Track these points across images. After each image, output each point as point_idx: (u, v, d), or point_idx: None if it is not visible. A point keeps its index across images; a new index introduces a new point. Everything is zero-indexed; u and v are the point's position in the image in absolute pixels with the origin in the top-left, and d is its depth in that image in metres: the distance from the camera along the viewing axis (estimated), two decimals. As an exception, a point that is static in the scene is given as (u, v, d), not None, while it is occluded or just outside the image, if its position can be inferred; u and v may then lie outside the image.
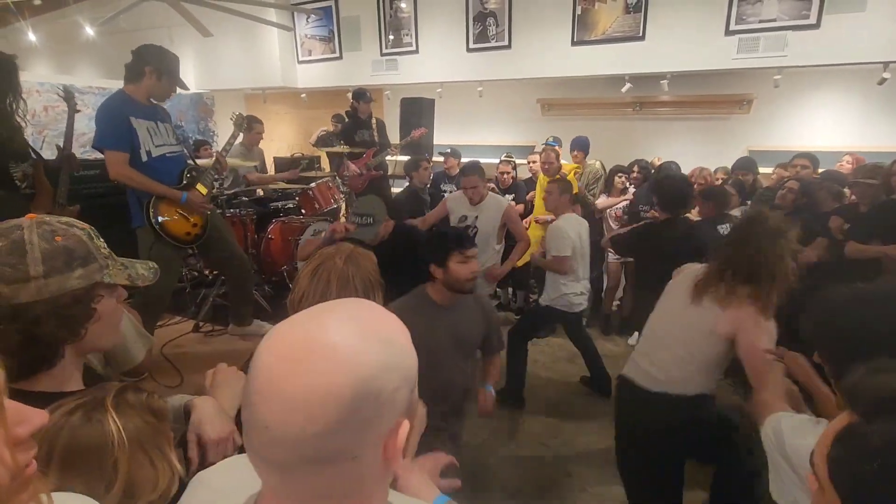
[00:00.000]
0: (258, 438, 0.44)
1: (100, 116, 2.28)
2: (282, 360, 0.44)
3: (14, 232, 0.79)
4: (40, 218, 0.83)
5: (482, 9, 4.83)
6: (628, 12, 4.29)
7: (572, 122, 5.46)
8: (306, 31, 5.70)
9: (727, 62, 4.08)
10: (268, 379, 0.43)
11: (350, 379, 0.43)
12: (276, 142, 6.98)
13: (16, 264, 0.77)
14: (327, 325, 0.46)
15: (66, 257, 0.81)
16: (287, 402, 0.42)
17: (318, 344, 0.44)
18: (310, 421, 0.42)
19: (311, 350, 0.44)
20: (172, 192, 2.39)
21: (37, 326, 0.78)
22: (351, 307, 0.50)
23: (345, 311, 0.49)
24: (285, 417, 0.42)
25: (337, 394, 0.42)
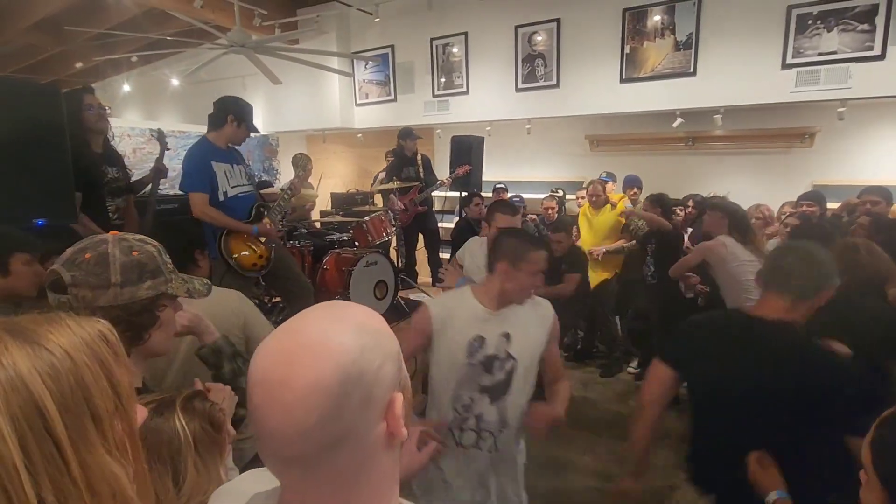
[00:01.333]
0: (270, 444, 0.49)
1: (186, 162, 2.56)
2: (271, 370, 0.49)
3: (100, 246, 0.92)
4: (121, 235, 0.97)
5: (531, 51, 5.00)
6: (678, 49, 4.31)
7: (622, 157, 5.45)
8: (364, 77, 6.09)
9: (785, 95, 3.98)
10: (263, 389, 0.49)
11: (333, 367, 0.48)
12: (334, 179, 7.36)
13: (100, 273, 0.90)
14: (303, 328, 0.52)
15: (139, 270, 0.94)
16: (285, 404, 0.47)
17: (297, 345, 0.49)
18: (309, 413, 0.47)
19: (293, 353, 0.49)
20: (245, 227, 2.61)
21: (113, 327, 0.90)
22: (327, 307, 0.55)
23: (321, 311, 0.54)
24: (287, 417, 0.47)
25: (325, 384, 0.47)
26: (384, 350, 0.53)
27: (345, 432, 0.49)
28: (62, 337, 0.43)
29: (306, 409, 0.47)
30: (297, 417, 0.47)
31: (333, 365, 0.48)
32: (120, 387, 0.46)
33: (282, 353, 0.50)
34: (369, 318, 0.55)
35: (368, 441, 0.51)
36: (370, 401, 0.50)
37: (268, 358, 0.50)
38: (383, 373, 0.52)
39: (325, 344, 0.49)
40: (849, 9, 3.70)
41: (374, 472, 0.54)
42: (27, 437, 0.37)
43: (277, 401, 0.47)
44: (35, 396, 0.38)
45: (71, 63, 6.83)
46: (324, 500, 0.52)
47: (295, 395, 0.47)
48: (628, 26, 4.48)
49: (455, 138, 4.96)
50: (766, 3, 3.96)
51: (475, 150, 4.90)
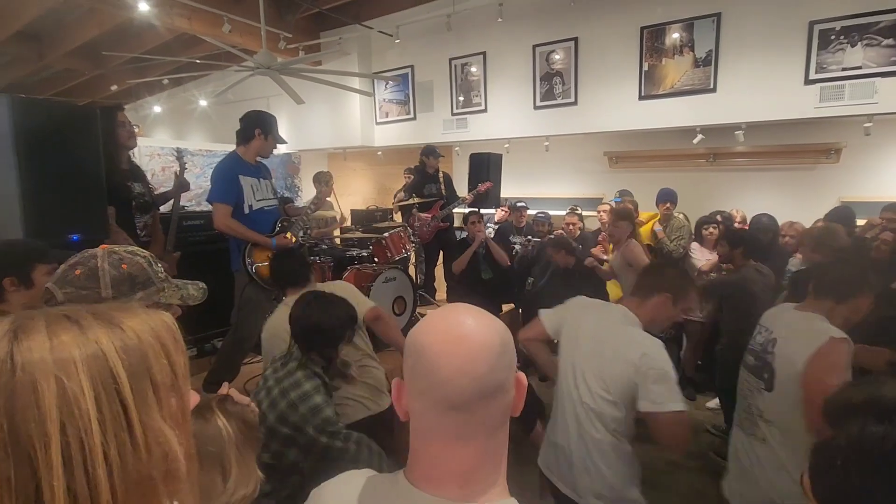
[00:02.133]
0: (440, 391, 0.62)
1: (215, 174, 2.64)
2: (448, 335, 0.64)
3: (90, 261, 0.96)
4: (110, 248, 0.99)
5: (549, 69, 5.05)
6: (697, 66, 4.30)
7: (641, 173, 5.42)
8: (384, 96, 6.23)
9: (809, 111, 3.93)
10: (443, 349, 0.62)
11: (495, 335, 0.64)
12: (353, 195, 7.48)
13: (92, 287, 0.93)
14: (459, 310, 0.67)
15: (130, 282, 0.97)
16: (461, 358, 0.62)
17: (466, 316, 0.65)
18: (479, 363, 0.62)
19: (463, 322, 0.65)
20: (264, 239, 2.66)
21: None
22: (462, 305, 0.69)
23: (463, 307, 0.68)
24: (462, 366, 0.61)
25: (491, 344, 0.63)
26: (511, 338, 0.68)
27: (499, 384, 0.63)
28: (134, 321, 0.51)
29: (480, 361, 0.62)
30: (472, 365, 0.61)
31: (494, 332, 0.65)
32: (177, 367, 0.53)
33: (454, 322, 0.65)
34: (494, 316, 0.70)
35: (508, 399, 0.65)
36: (512, 364, 0.66)
37: (441, 324, 0.65)
38: (513, 351, 0.67)
39: (485, 318, 0.66)
40: (873, 24, 3.66)
41: (502, 434, 0.66)
42: (101, 396, 0.44)
43: (455, 354, 0.62)
44: (110, 364, 0.46)
45: (106, 86, 7.16)
46: (466, 451, 0.63)
47: (471, 350, 0.62)
48: (646, 44, 4.50)
49: (473, 156, 5.00)
50: (787, 19, 3.94)
51: (493, 167, 4.93)
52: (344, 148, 6.66)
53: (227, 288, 2.72)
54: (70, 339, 0.46)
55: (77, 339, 0.46)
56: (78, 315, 0.48)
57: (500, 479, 0.66)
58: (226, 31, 4.81)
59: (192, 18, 4.81)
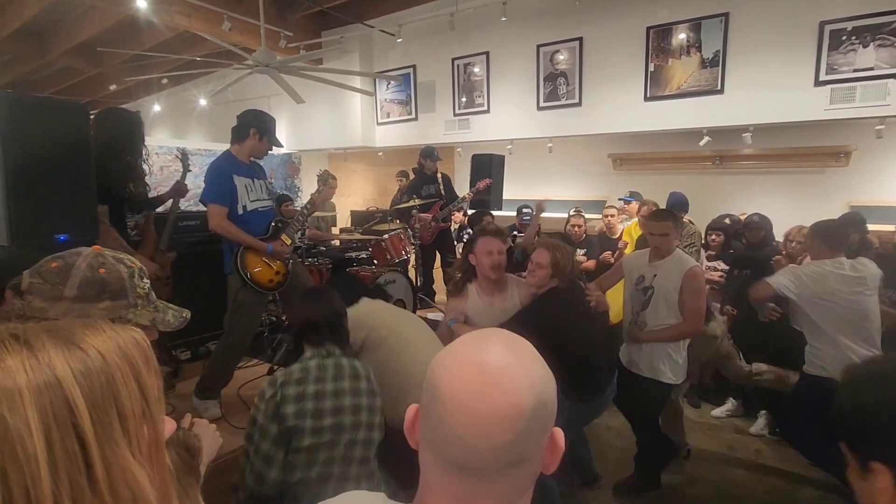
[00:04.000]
0: (451, 449, 0.52)
1: (208, 174, 2.56)
2: (470, 384, 0.52)
3: (71, 257, 0.90)
4: (100, 251, 0.93)
5: (553, 69, 4.98)
6: (704, 67, 4.22)
7: (646, 176, 5.34)
8: (386, 96, 6.16)
9: (819, 113, 3.84)
10: (460, 400, 0.52)
11: (528, 393, 0.52)
12: (353, 196, 7.42)
13: (57, 284, 0.86)
14: (492, 350, 0.55)
15: (99, 288, 0.89)
16: (482, 419, 0.51)
17: (495, 367, 0.53)
18: (505, 431, 0.50)
19: (491, 373, 0.52)
20: (260, 244, 2.58)
21: None
22: (499, 333, 0.59)
23: (498, 336, 0.58)
24: (481, 431, 0.50)
25: (522, 407, 0.51)
26: (554, 385, 0.57)
27: (526, 453, 0.53)
28: (97, 339, 0.44)
29: (503, 427, 0.51)
30: (494, 433, 0.51)
31: (528, 391, 0.52)
32: (149, 392, 0.47)
33: (479, 370, 0.53)
34: (537, 352, 0.59)
35: (535, 466, 0.55)
36: (546, 428, 0.55)
37: (463, 370, 0.53)
38: (553, 406, 0.56)
39: (521, 370, 0.54)
40: (886, 24, 3.57)
41: (527, 496, 0.57)
42: (53, 433, 0.38)
43: (477, 413, 0.51)
44: (66, 392, 0.40)
45: (105, 85, 7.12)
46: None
47: (496, 411, 0.51)
48: (652, 44, 4.42)
49: (475, 157, 4.93)
50: (797, 20, 3.86)
51: (496, 168, 4.85)
52: (344, 148, 6.60)
53: (223, 290, 2.65)
54: (16, 363, 0.39)
55: (26, 364, 0.39)
56: (30, 334, 0.42)
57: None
58: (225, 29, 4.76)
59: (191, 16, 4.76)
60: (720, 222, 3.93)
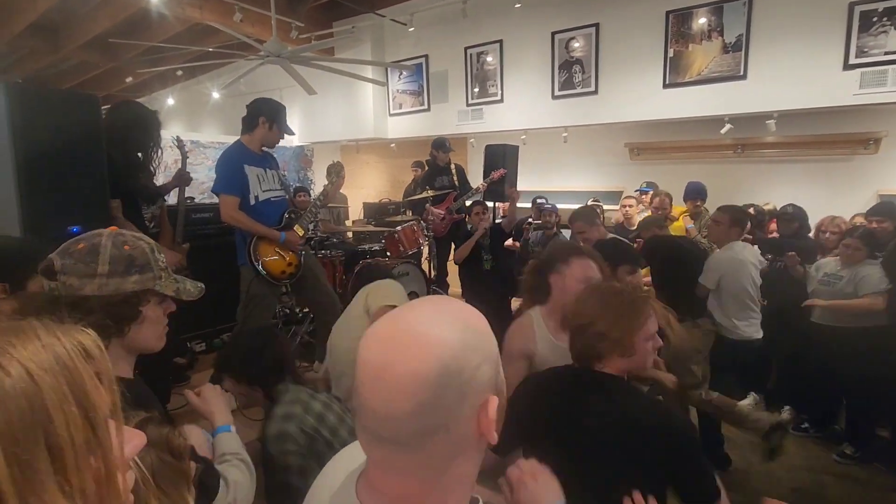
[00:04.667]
0: (368, 420, 0.52)
1: (219, 164, 2.55)
2: (379, 353, 0.52)
3: (95, 238, 0.95)
4: (119, 231, 0.99)
5: (568, 57, 4.86)
6: (727, 52, 4.08)
7: (664, 165, 5.21)
8: (398, 87, 6.09)
9: (848, 98, 3.69)
10: (370, 369, 0.51)
11: (434, 362, 0.50)
12: (366, 189, 7.39)
13: (89, 262, 0.92)
14: (414, 317, 0.54)
15: (127, 263, 0.95)
16: (387, 387, 0.50)
17: (406, 334, 0.52)
18: (406, 400, 0.49)
19: (401, 340, 0.51)
20: (273, 233, 2.56)
21: (89, 316, 0.89)
22: (435, 301, 0.58)
23: (429, 304, 0.57)
24: (388, 400, 0.50)
25: (425, 375, 0.49)
26: (484, 351, 0.54)
27: (438, 424, 0.51)
28: (25, 350, 0.35)
29: (404, 396, 0.49)
30: (395, 402, 0.50)
31: (434, 357, 0.50)
32: (96, 414, 0.38)
33: (386, 338, 0.52)
34: (473, 317, 0.56)
35: (458, 436, 0.53)
36: (465, 397, 0.52)
37: (373, 341, 0.53)
38: (481, 373, 0.53)
39: (427, 335, 0.51)
40: (920, 3, 3.41)
41: (458, 468, 0.55)
42: None
43: (379, 383, 0.50)
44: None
45: (121, 78, 7.15)
46: (406, 483, 0.54)
47: (395, 380, 0.50)
48: (672, 29, 4.28)
49: (489, 147, 4.85)
50: (825, 1, 3.70)
51: (509, 158, 4.77)
52: (357, 140, 6.56)
53: (237, 281, 2.64)
54: None
55: None
56: None
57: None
58: (237, 20, 4.73)
59: (203, 8, 4.74)
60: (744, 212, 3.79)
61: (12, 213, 1.92)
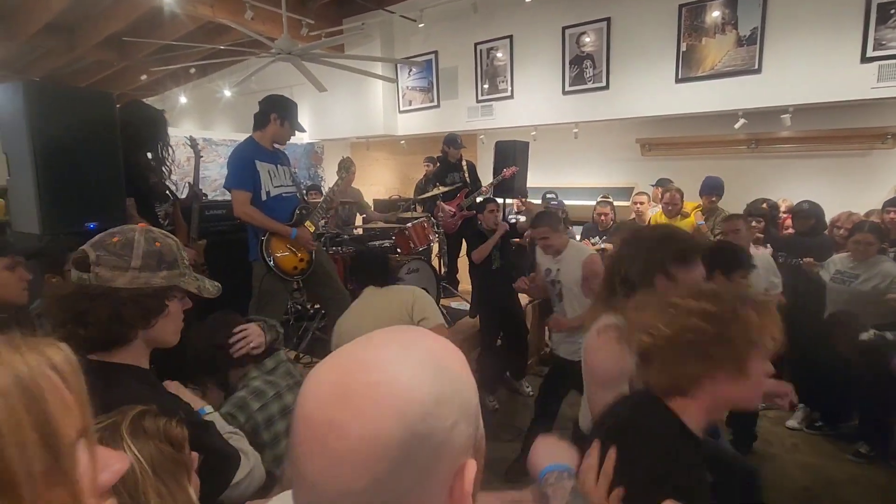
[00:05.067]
0: (304, 493, 0.40)
1: (231, 160, 2.57)
2: (322, 407, 0.39)
3: (129, 233, 1.01)
4: (148, 227, 1.04)
5: (579, 52, 4.83)
6: (741, 45, 4.02)
7: (676, 161, 5.16)
8: (407, 84, 6.09)
9: (865, 92, 3.62)
10: (310, 431, 0.39)
11: (397, 421, 0.38)
12: (376, 185, 7.41)
13: (123, 255, 0.97)
14: (373, 359, 0.41)
15: (158, 259, 1.00)
16: (331, 458, 0.38)
17: (358, 382, 0.40)
18: (357, 476, 0.37)
19: (350, 389, 0.39)
20: (284, 229, 2.58)
21: (122, 307, 0.94)
22: (400, 335, 0.45)
23: (393, 342, 0.44)
24: (331, 474, 0.38)
25: (384, 441, 0.38)
26: (462, 403, 0.42)
27: (398, 498, 0.39)
28: None
29: (356, 468, 0.38)
30: (344, 475, 0.38)
31: (398, 417, 0.38)
32: (58, 439, 0.34)
33: (336, 387, 0.40)
34: (449, 357, 0.44)
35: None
36: (435, 467, 0.40)
37: (317, 390, 0.41)
38: (456, 433, 0.41)
39: (391, 386, 0.39)
40: (942, -6, 3.33)
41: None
42: None
43: (323, 448, 0.38)
44: None
45: (135, 77, 7.24)
46: None
47: (345, 446, 0.38)
48: (685, 23, 4.23)
49: (499, 143, 4.84)
50: (842, -7, 3.63)
51: (520, 155, 4.75)
52: (367, 137, 6.58)
53: (250, 277, 2.67)
54: None
55: None
56: None
57: None
58: (248, 17, 4.76)
59: (214, 6, 4.77)
60: (758, 207, 3.75)
61: (31, 210, 1.95)
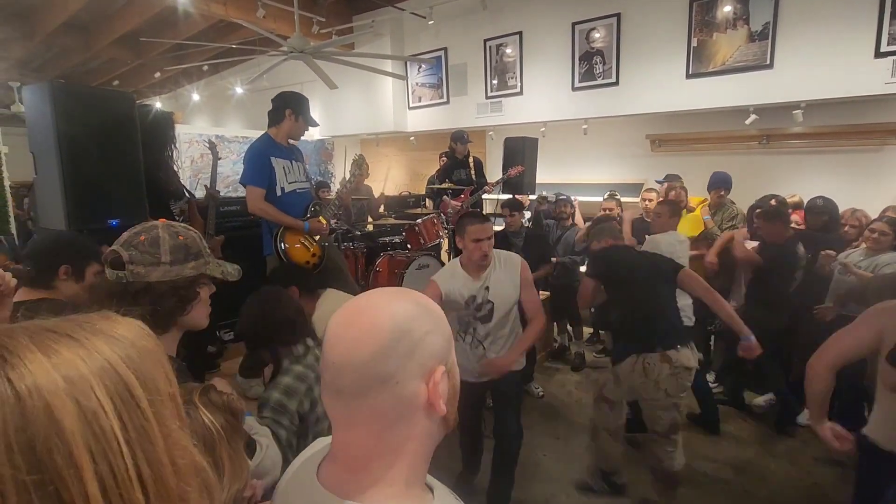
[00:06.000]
0: (329, 374, 0.59)
1: (247, 156, 2.63)
2: (342, 317, 0.61)
3: (152, 230, 1.07)
4: (169, 222, 1.11)
5: (588, 48, 4.82)
6: (753, 40, 4.00)
7: (686, 157, 5.14)
8: (417, 80, 6.12)
9: (879, 87, 3.59)
10: (333, 333, 0.60)
11: (388, 319, 0.59)
12: (387, 182, 7.45)
13: (153, 252, 1.04)
14: (373, 294, 0.64)
15: (185, 251, 1.08)
16: (345, 342, 0.59)
17: (365, 303, 0.62)
18: (363, 348, 0.57)
19: (360, 307, 0.61)
20: (297, 223, 2.64)
21: (161, 300, 1.03)
22: (395, 289, 0.67)
23: (389, 290, 0.66)
24: (344, 351, 0.58)
25: (379, 328, 0.58)
26: (435, 323, 0.63)
27: (388, 374, 0.57)
28: (121, 329, 0.46)
29: (362, 345, 0.58)
30: (354, 351, 0.58)
31: (388, 317, 0.59)
32: (171, 374, 0.48)
33: (352, 307, 0.62)
34: (428, 301, 0.65)
35: (407, 393, 0.59)
36: (413, 354, 0.59)
37: (341, 311, 0.62)
38: (430, 339, 0.61)
39: (385, 303, 0.62)
40: (958, -12, 3.29)
41: (408, 432, 0.60)
42: (123, 412, 0.40)
43: (342, 337, 0.59)
44: (122, 376, 0.41)
45: (149, 75, 7.34)
46: (357, 438, 0.59)
47: (355, 333, 0.59)
48: (696, 18, 4.21)
49: (508, 140, 4.86)
50: (856, -14, 3.60)
51: (529, 151, 4.77)
52: (376, 133, 6.62)
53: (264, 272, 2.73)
54: (71, 354, 0.40)
55: (79, 354, 0.41)
56: (64, 328, 0.43)
57: (396, 478, 0.59)
58: (260, 16, 4.81)
59: (227, 4, 4.83)
60: (766, 203, 3.73)
61: (57, 207, 2.03)
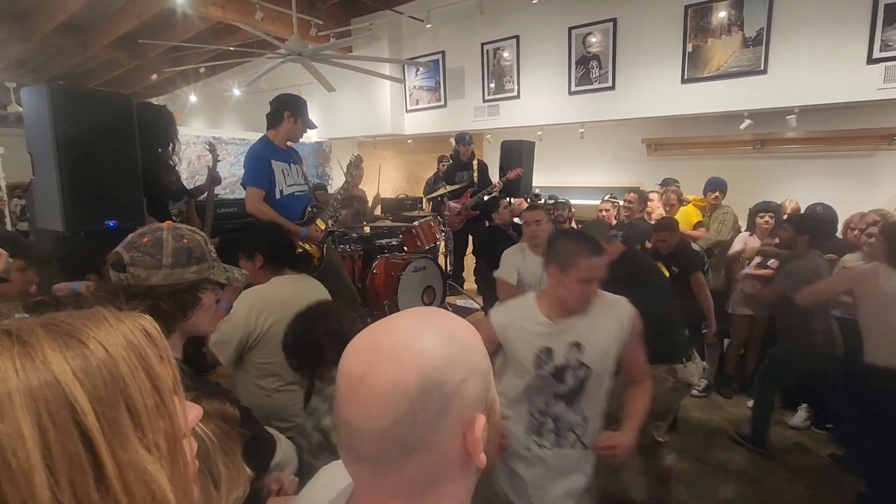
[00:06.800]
0: (345, 434, 0.50)
1: (248, 158, 2.65)
2: (357, 364, 0.50)
3: (157, 232, 1.05)
4: (175, 225, 1.10)
5: (585, 52, 4.86)
6: (747, 46, 4.04)
7: (681, 161, 5.18)
8: (415, 83, 6.14)
9: (871, 93, 3.63)
10: (347, 382, 0.49)
11: (414, 372, 0.47)
12: (383, 184, 7.46)
13: (154, 255, 1.02)
14: (395, 328, 0.52)
15: (187, 255, 1.06)
16: (363, 400, 0.48)
17: (386, 346, 0.49)
18: (383, 414, 0.47)
19: (381, 351, 0.49)
20: (294, 228, 2.65)
21: (161, 303, 1.00)
22: (422, 312, 0.55)
23: (414, 315, 0.54)
24: (363, 413, 0.48)
25: (404, 387, 0.47)
26: (471, 365, 0.51)
27: (417, 442, 0.48)
28: (98, 330, 0.42)
29: (383, 410, 0.47)
30: (373, 416, 0.47)
31: (415, 369, 0.48)
32: (161, 383, 0.44)
33: (367, 349, 0.50)
34: (462, 330, 0.54)
35: (442, 456, 0.50)
36: (447, 413, 0.49)
37: (354, 353, 0.51)
38: (466, 387, 0.50)
39: (409, 347, 0.49)
40: (948, -4, 3.34)
41: (445, 491, 0.51)
42: (50, 434, 0.36)
43: (357, 396, 0.48)
44: (65, 389, 0.37)
45: (146, 76, 7.33)
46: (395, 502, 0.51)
47: (373, 393, 0.47)
48: (691, 23, 4.26)
49: (505, 143, 4.89)
50: (849, -7, 3.64)
51: (525, 155, 4.81)
52: (374, 136, 6.64)
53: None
54: (5, 364, 0.36)
55: (17, 364, 0.36)
56: (24, 330, 0.39)
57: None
58: (258, 18, 4.82)
59: (225, 7, 4.84)
60: (769, 206, 3.76)
61: (55, 208, 2.03)
